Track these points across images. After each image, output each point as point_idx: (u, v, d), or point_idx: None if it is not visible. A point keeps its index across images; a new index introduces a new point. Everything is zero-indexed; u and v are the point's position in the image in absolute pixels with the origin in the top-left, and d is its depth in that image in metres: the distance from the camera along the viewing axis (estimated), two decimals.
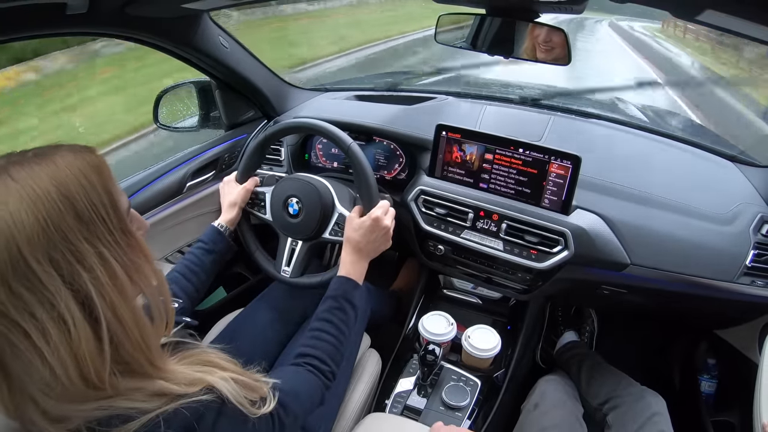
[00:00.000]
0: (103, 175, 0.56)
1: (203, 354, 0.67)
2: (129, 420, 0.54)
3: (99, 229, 0.54)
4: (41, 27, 0.91)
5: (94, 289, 0.53)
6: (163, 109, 1.41)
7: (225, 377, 0.62)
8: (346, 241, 1.03)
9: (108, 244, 0.55)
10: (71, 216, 0.52)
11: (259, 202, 1.22)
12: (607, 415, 1.13)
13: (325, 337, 0.88)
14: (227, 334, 1.19)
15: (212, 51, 1.28)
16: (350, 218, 1.05)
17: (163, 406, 0.56)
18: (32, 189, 0.50)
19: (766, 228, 1.10)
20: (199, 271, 1.07)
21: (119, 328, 0.55)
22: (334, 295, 0.94)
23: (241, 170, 1.22)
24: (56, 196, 0.51)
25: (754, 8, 0.68)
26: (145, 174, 1.28)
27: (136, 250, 0.59)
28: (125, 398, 0.55)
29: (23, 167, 0.51)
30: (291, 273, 1.19)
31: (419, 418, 1.16)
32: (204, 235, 1.13)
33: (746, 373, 1.10)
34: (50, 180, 0.51)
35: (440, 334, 1.25)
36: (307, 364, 0.85)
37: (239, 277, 1.65)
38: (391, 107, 1.44)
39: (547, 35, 1.07)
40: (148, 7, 1.02)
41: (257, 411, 0.65)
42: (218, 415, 0.60)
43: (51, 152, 0.54)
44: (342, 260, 1.01)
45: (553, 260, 1.12)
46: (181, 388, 0.58)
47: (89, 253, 0.53)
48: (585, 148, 1.09)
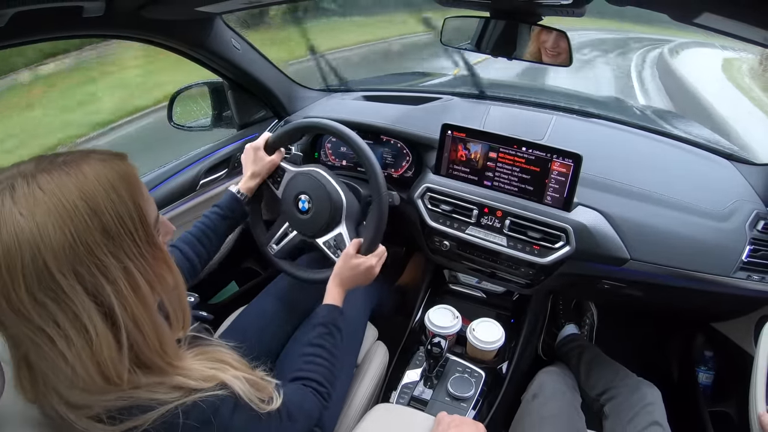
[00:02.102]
0: (132, 186, 0.55)
1: (217, 352, 0.68)
2: (148, 410, 0.55)
3: (125, 243, 0.54)
4: (58, 29, 0.93)
5: (117, 301, 0.53)
6: (177, 108, 1.43)
7: (237, 376, 0.65)
8: (336, 274, 1.04)
9: (133, 256, 0.55)
10: (98, 231, 0.51)
11: (277, 177, 1.20)
12: (604, 406, 1.15)
13: (321, 362, 0.91)
14: (236, 326, 1.22)
15: (225, 53, 1.30)
16: (347, 254, 1.05)
17: (181, 399, 0.57)
18: (60, 202, 0.49)
19: (761, 224, 1.11)
20: (212, 237, 1.07)
21: (139, 335, 0.55)
22: (324, 322, 0.97)
23: (273, 140, 1.17)
24: (84, 210, 0.50)
25: (750, 11, 0.69)
26: (160, 172, 1.31)
27: (159, 261, 0.59)
28: (145, 390, 0.56)
29: (52, 177, 0.50)
30: (275, 252, 1.22)
31: (425, 408, 1.18)
32: (221, 201, 1.11)
33: (742, 364, 1.11)
34: (79, 193, 0.50)
35: (446, 327, 1.27)
36: (307, 386, 0.87)
37: (250, 272, 1.68)
38: (398, 107, 1.45)
39: (555, 42, 1.08)
40: (162, 10, 1.04)
41: (266, 407, 0.67)
42: (234, 409, 0.63)
43: (80, 160, 0.53)
44: (329, 289, 1.03)
45: (555, 255, 1.14)
46: (197, 383, 0.60)
47: (114, 267, 0.53)
48: (586, 147, 1.10)
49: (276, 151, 1.18)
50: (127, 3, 0.95)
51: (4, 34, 0.81)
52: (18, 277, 0.48)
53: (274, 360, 1.16)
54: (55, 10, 0.83)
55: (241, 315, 1.25)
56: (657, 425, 1.03)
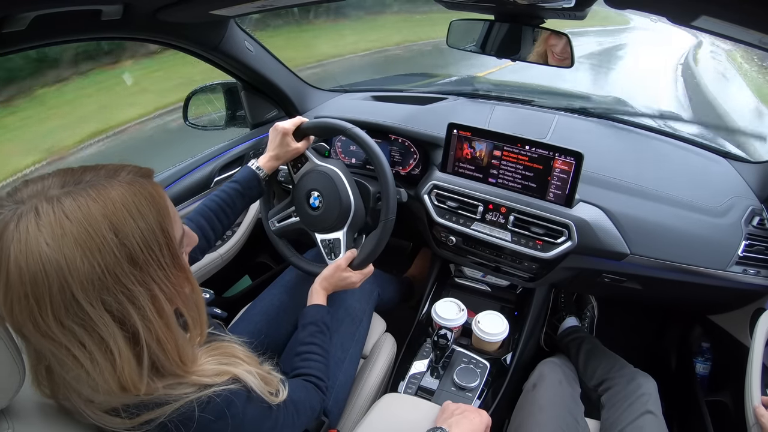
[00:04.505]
0: (159, 209, 0.55)
1: (229, 347, 0.70)
2: (164, 404, 0.57)
3: (152, 269, 0.53)
4: (77, 32, 0.95)
5: (142, 324, 0.53)
6: (192, 108, 1.46)
7: (250, 370, 0.66)
8: (322, 278, 1.09)
9: (160, 281, 0.54)
10: (126, 261, 0.51)
11: (299, 163, 1.20)
12: (601, 396, 1.17)
13: (316, 358, 0.96)
14: (245, 318, 1.24)
15: (238, 54, 1.32)
16: (338, 266, 1.09)
17: (196, 393, 0.59)
18: (88, 233, 0.48)
19: (756, 220, 1.13)
20: (230, 212, 1.08)
21: (161, 352, 0.56)
22: (314, 321, 1.01)
23: (306, 128, 1.15)
24: (112, 242, 0.49)
25: (746, 15, 0.71)
26: (176, 169, 1.34)
27: (183, 279, 0.59)
28: (162, 389, 0.58)
29: (78, 204, 0.48)
30: (275, 229, 1.25)
31: (432, 398, 1.19)
32: (239, 176, 1.10)
33: (738, 355, 1.12)
34: (107, 222, 0.49)
35: (452, 319, 1.27)
36: (308, 381, 0.91)
37: (263, 266, 1.71)
38: (405, 107, 1.47)
39: (563, 48, 1.11)
40: (178, 14, 1.05)
41: (276, 399, 0.71)
42: (246, 402, 0.65)
43: (106, 183, 0.51)
44: (314, 291, 1.07)
45: (558, 250, 1.16)
46: (210, 380, 0.61)
47: (141, 294, 0.52)
48: (587, 146, 1.12)
49: (304, 139, 1.17)
50: (143, 7, 0.96)
51: (25, 37, 0.83)
52: (45, 305, 0.47)
53: (281, 353, 1.19)
54: (74, 13, 0.85)
55: (250, 308, 1.27)
56: (650, 414, 1.04)
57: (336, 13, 7.41)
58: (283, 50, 1.29)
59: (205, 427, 0.59)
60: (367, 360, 1.24)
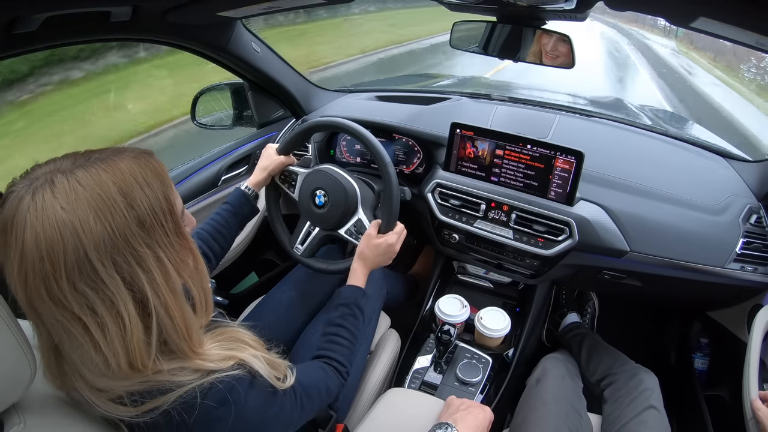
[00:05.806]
0: (163, 181, 0.58)
1: (235, 332, 0.70)
2: (167, 392, 0.57)
3: (158, 234, 0.56)
4: (87, 33, 0.97)
5: (150, 290, 0.55)
6: (200, 108, 1.47)
7: (256, 354, 0.66)
8: (359, 255, 1.08)
9: (165, 246, 0.57)
10: (135, 223, 0.54)
11: (291, 180, 1.25)
12: (603, 391, 1.18)
13: (342, 341, 0.94)
14: (254, 315, 1.25)
15: (245, 55, 1.34)
16: (369, 235, 1.09)
17: (199, 380, 0.59)
18: (100, 197, 0.51)
19: (754, 218, 1.14)
20: (225, 233, 1.10)
21: (169, 322, 0.58)
22: (346, 302, 0.99)
23: (283, 144, 1.23)
24: (122, 205, 0.53)
25: (744, 16, 0.72)
26: (184, 168, 1.36)
27: (186, 249, 0.61)
28: (166, 374, 0.58)
29: (90, 173, 0.52)
30: (302, 252, 1.26)
31: (435, 392, 1.21)
32: (230, 197, 1.14)
33: (736, 351, 1.12)
34: (116, 188, 0.53)
35: (455, 315, 1.30)
36: (329, 365, 0.90)
37: (270, 263, 1.73)
38: (409, 107, 1.48)
39: (554, 45, 1.12)
40: (185, 15, 1.07)
41: (282, 385, 0.70)
42: (249, 387, 0.64)
43: (114, 157, 0.55)
44: (353, 270, 1.06)
45: (559, 248, 1.18)
46: (215, 365, 0.62)
47: (148, 257, 0.55)
48: (588, 145, 1.13)
49: (286, 155, 1.23)
50: (152, 8, 0.98)
51: (37, 37, 0.84)
52: (60, 267, 0.50)
53: (290, 348, 1.19)
54: (84, 14, 0.87)
55: (259, 304, 1.28)
56: (653, 409, 1.05)
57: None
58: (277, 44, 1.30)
59: (207, 414, 0.59)
60: (372, 355, 1.26)
